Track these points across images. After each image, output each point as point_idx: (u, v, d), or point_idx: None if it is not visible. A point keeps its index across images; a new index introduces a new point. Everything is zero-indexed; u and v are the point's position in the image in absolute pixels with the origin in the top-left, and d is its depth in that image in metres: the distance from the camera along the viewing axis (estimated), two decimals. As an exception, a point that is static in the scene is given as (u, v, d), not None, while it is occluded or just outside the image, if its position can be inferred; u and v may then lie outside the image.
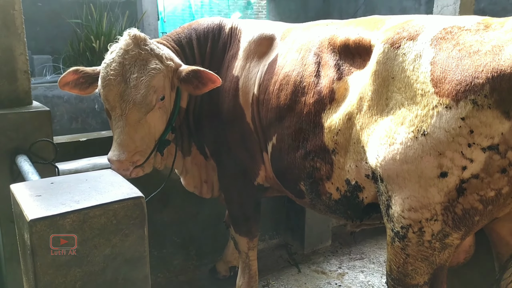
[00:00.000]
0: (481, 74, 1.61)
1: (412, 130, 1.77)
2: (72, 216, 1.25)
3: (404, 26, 1.97)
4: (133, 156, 2.45)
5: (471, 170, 1.66)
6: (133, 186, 1.42)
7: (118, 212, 1.31)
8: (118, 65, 2.43)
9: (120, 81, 2.42)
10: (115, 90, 2.42)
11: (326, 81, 2.24)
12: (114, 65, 2.44)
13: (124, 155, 2.42)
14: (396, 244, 1.94)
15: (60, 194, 1.34)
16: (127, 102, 2.41)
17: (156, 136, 2.58)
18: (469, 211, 1.73)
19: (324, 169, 2.25)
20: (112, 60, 2.45)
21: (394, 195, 1.88)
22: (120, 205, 1.32)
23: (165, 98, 2.54)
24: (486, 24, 1.78)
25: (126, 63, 2.43)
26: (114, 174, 1.54)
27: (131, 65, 2.43)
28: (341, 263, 3.98)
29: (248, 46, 2.72)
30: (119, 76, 2.42)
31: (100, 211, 1.28)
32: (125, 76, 2.42)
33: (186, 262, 3.80)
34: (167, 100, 2.58)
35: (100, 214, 1.28)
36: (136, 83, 2.41)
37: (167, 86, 2.55)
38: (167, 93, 2.55)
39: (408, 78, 1.82)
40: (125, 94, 2.41)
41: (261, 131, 2.62)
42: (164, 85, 2.51)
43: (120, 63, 2.43)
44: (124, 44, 2.47)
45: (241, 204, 3.00)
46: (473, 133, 1.63)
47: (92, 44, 7.74)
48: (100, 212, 1.28)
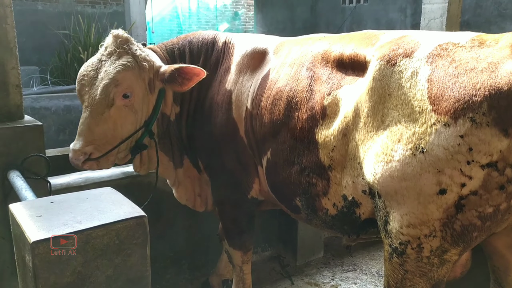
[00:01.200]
0: (478, 92, 1.63)
1: (410, 148, 1.78)
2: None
3: (399, 42, 1.98)
4: (86, 147, 2.47)
5: (470, 187, 1.68)
6: (135, 205, 1.41)
7: (120, 232, 1.30)
8: (96, 61, 2.55)
9: (93, 75, 2.51)
10: (86, 83, 2.51)
11: (318, 97, 2.24)
12: (92, 61, 2.57)
13: (78, 145, 2.47)
14: (394, 260, 1.95)
15: (62, 214, 1.33)
16: (93, 94, 2.48)
17: (122, 135, 2.57)
18: (468, 227, 1.75)
19: (321, 185, 2.25)
20: (93, 57, 2.60)
21: (392, 212, 1.89)
22: (123, 224, 1.31)
23: (135, 98, 2.53)
24: (481, 40, 1.81)
25: (103, 59, 2.54)
26: (115, 192, 1.52)
27: (106, 60, 2.53)
28: (334, 275, 3.99)
29: (241, 60, 2.73)
30: (93, 70, 2.52)
31: (103, 231, 1.27)
32: (98, 71, 2.51)
33: (178, 276, 3.77)
34: (138, 101, 2.56)
35: (103, 235, 1.27)
36: (102, 75, 2.48)
37: (139, 86, 2.54)
38: (138, 93, 2.54)
39: (405, 96, 1.83)
40: (93, 86, 2.49)
41: (255, 145, 2.62)
42: (133, 84, 2.51)
43: (98, 59, 2.56)
44: (106, 42, 2.59)
45: (234, 217, 2.99)
46: (472, 150, 1.64)
47: (80, 55, 7.70)
48: (103, 233, 1.27)
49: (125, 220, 1.32)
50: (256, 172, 2.73)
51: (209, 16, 13.52)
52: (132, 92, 2.51)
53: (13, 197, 2.46)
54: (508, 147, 1.61)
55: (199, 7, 13.41)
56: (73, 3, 9.84)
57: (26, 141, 2.64)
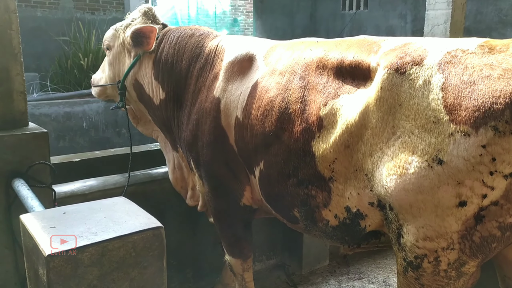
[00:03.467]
0: (499, 99, 1.58)
1: (426, 159, 1.72)
2: (91, 250, 1.19)
3: (405, 50, 1.90)
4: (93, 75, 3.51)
5: (491, 197, 1.63)
6: (150, 215, 1.37)
7: (137, 244, 1.26)
8: None
9: None
10: None
11: (314, 108, 2.14)
12: None
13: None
14: (409, 274, 1.89)
15: (76, 226, 1.28)
16: None
17: (106, 79, 3.29)
18: (487, 239, 1.70)
19: (321, 197, 2.18)
20: None
21: (407, 224, 1.84)
22: (140, 236, 1.26)
23: (111, 51, 3.18)
24: (490, 46, 1.76)
25: None
26: (128, 202, 1.48)
27: None
28: (340, 284, 3.94)
29: (230, 67, 2.63)
30: None
31: (119, 243, 1.23)
32: None
33: (183, 285, 3.71)
34: (113, 55, 3.17)
35: (119, 247, 1.23)
36: None
37: (115, 45, 3.15)
38: (114, 50, 3.16)
39: (417, 105, 1.76)
40: None
41: (247, 155, 2.53)
42: (110, 40, 3.17)
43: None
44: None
45: (229, 224, 2.94)
46: (496, 160, 1.59)
47: (80, 62, 7.67)
48: (119, 245, 1.23)
49: (142, 232, 1.27)
50: (247, 180, 2.66)
51: (209, 22, 13.52)
52: (110, 46, 3.18)
53: (17, 206, 2.41)
54: None
55: (198, 14, 13.42)
56: (73, 9, 9.84)
57: (31, 148, 2.59)
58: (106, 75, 3.30)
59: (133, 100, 3.23)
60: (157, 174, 3.49)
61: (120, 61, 3.16)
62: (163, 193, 3.45)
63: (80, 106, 7.05)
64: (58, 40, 8.35)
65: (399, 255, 1.94)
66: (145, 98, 3.10)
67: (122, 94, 3.17)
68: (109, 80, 3.27)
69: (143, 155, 3.98)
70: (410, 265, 1.88)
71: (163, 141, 3.33)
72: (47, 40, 8.79)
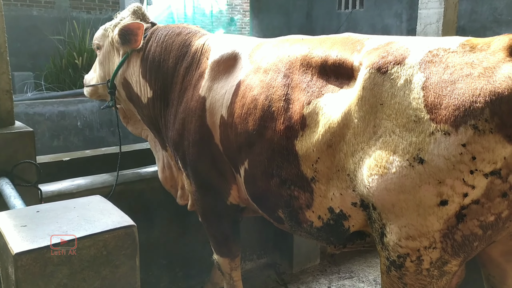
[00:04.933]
0: (479, 98, 1.57)
1: (407, 159, 1.71)
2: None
3: (387, 49, 1.89)
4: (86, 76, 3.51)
5: (472, 196, 1.63)
6: (124, 214, 1.36)
7: (108, 242, 1.25)
8: None
9: None
10: None
11: (297, 106, 2.13)
12: None
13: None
14: (392, 273, 1.88)
15: (47, 224, 1.28)
16: None
17: (97, 78, 3.30)
18: (469, 237, 1.70)
19: (303, 198, 2.16)
20: None
21: (389, 224, 1.83)
22: (111, 235, 1.26)
23: (101, 51, 3.19)
24: (471, 45, 1.75)
25: None
26: (104, 200, 1.48)
27: None
28: (331, 283, 3.94)
29: (216, 66, 2.63)
30: None
31: (89, 242, 1.22)
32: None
33: (173, 284, 3.71)
34: (103, 54, 3.18)
35: (90, 245, 1.22)
36: None
37: (104, 44, 3.16)
38: (104, 49, 3.17)
39: (399, 105, 1.75)
40: None
41: (232, 154, 2.52)
42: (100, 40, 3.18)
43: None
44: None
45: (217, 223, 2.94)
46: (476, 159, 1.59)
47: (75, 61, 7.67)
48: (90, 243, 1.22)
49: (113, 230, 1.27)
50: (233, 179, 2.65)
51: (205, 21, 13.51)
52: (100, 45, 3.20)
53: (1, 205, 2.41)
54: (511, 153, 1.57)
55: (195, 13, 13.40)
56: (69, 8, 9.83)
57: (17, 147, 2.59)
58: (97, 74, 3.31)
59: (122, 99, 3.23)
60: (146, 173, 3.49)
61: (110, 60, 3.17)
62: (152, 192, 3.45)
63: (75, 105, 7.04)
64: (53, 39, 8.33)
65: (383, 254, 1.93)
66: (133, 97, 3.10)
67: (112, 93, 3.17)
68: (100, 79, 3.28)
69: (135, 154, 3.98)
70: (393, 265, 1.87)
71: (152, 141, 3.33)
72: (43, 39, 8.79)
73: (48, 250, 1.17)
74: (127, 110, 3.35)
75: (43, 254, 1.17)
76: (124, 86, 3.11)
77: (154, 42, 2.96)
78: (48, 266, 1.17)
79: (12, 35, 2.74)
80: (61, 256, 1.18)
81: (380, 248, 1.93)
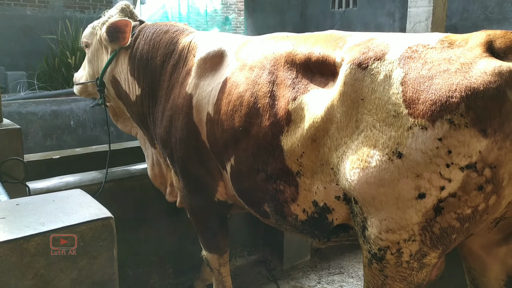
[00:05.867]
0: (455, 93, 1.60)
1: (387, 153, 1.74)
2: (37, 239, 1.21)
3: (368, 45, 1.92)
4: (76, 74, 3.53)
5: (449, 189, 1.65)
6: (102, 207, 1.39)
7: (85, 233, 1.27)
8: None
9: None
10: None
11: (282, 102, 2.16)
12: None
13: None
14: (374, 266, 1.92)
15: (25, 216, 1.30)
16: None
17: (87, 76, 3.31)
18: (447, 230, 1.73)
19: (289, 191, 2.20)
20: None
21: (370, 217, 1.86)
22: (88, 226, 1.28)
23: (90, 49, 3.20)
24: (450, 41, 1.78)
25: None
26: (83, 194, 1.50)
27: None
28: (320, 278, 3.97)
29: (202, 63, 2.65)
30: None
31: (66, 233, 1.25)
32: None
33: (163, 281, 3.73)
34: (92, 52, 3.20)
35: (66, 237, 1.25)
36: None
37: (93, 42, 3.17)
38: (92, 47, 3.19)
39: (379, 100, 1.78)
40: None
41: (218, 151, 2.55)
42: (88, 38, 3.19)
43: None
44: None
45: (205, 220, 2.97)
46: (451, 153, 1.61)
47: (68, 60, 7.66)
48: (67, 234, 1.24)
49: (90, 222, 1.29)
50: (220, 176, 2.68)
51: (200, 21, 13.52)
52: (88, 43, 3.21)
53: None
54: (486, 147, 1.59)
55: (189, 12, 13.41)
56: (62, 8, 9.83)
57: (4, 144, 2.60)
58: (86, 72, 3.32)
59: (111, 97, 3.25)
60: (136, 170, 3.51)
61: (99, 58, 3.18)
62: (142, 189, 3.47)
63: (68, 105, 7.03)
64: (46, 38, 8.33)
65: (364, 247, 1.96)
66: (122, 94, 3.12)
67: (101, 91, 3.20)
68: (89, 77, 3.30)
69: (125, 152, 4.00)
70: (374, 257, 1.90)
71: (142, 138, 3.35)
72: (36, 39, 8.78)
73: (24, 241, 1.19)
74: (117, 107, 3.37)
75: (20, 244, 1.19)
76: (113, 84, 3.13)
77: (142, 39, 2.98)
78: (25, 256, 1.19)
79: (5, 34, 2.77)
80: (37, 247, 1.20)
81: (362, 242, 1.96)
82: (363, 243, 1.96)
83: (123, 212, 2.88)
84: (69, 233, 1.24)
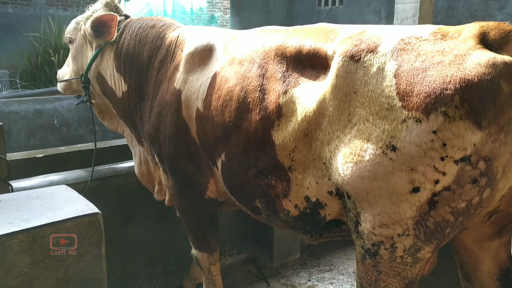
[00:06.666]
0: (449, 85, 1.58)
1: (380, 146, 1.71)
2: (20, 236, 1.15)
3: (361, 37, 1.89)
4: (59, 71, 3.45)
5: (443, 183, 1.63)
6: (89, 202, 1.33)
7: (72, 230, 1.22)
8: None
9: None
10: None
11: (273, 96, 2.12)
12: None
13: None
14: (367, 262, 1.88)
15: (8, 213, 1.23)
16: None
17: (71, 73, 3.24)
18: (441, 224, 1.70)
19: (280, 187, 2.16)
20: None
21: (364, 212, 1.83)
22: (74, 223, 1.23)
23: (74, 45, 3.14)
24: (443, 33, 1.75)
25: None
26: (69, 190, 1.44)
27: None
28: (310, 276, 3.94)
29: (191, 58, 2.60)
30: None
31: (51, 230, 1.19)
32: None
33: (151, 280, 3.67)
34: (76, 48, 3.13)
35: (52, 234, 1.19)
36: None
37: (77, 38, 3.10)
38: (76, 43, 3.12)
39: (372, 92, 1.75)
40: None
41: (209, 147, 2.50)
42: (72, 34, 3.12)
43: None
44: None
45: (195, 219, 2.91)
46: (446, 146, 1.59)
47: (51, 58, 7.54)
48: (52, 231, 1.19)
49: (77, 218, 1.23)
50: (211, 172, 2.63)
51: (185, 19, 13.42)
52: (72, 39, 3.14)
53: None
54: (481, 140, 1.57)
55: (174, 10, 13.31)
56: (45, 5, 9.67)
57: (-15, 142, 2.52)
58: (70, 69, 3.25)
59: (97, 94, 3.18)
60: (122, 168, 3.44)
61: (83, 54, 3.11)
62: (129, 187, 3.40)
63: (51, 103, 6.89)
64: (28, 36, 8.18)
65: (357, 243, 1.93)
66: (108, 91, 3.05)
67: (86, 88, 3.12)
68: (73, 74, 3.22)
69: (111, 150, 3.92)
70: (367, 253, 1.87)
71: (129, 136, 3.28)
72: (19, 37, 8.63)
73: (7, 238, 1.13)
74: (102, 105, 3.29)
75: (3, 242, 1.13)
76: (98, 80, 3.06)
77: (128, 34, 2.91)
78: (8, 254, 1.13)
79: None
80: (21, 244, 1.14)
81: (355, 237, 1.93)
82: (356, 239, 1.93)
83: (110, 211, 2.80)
84: (54, 230, 1.18)
